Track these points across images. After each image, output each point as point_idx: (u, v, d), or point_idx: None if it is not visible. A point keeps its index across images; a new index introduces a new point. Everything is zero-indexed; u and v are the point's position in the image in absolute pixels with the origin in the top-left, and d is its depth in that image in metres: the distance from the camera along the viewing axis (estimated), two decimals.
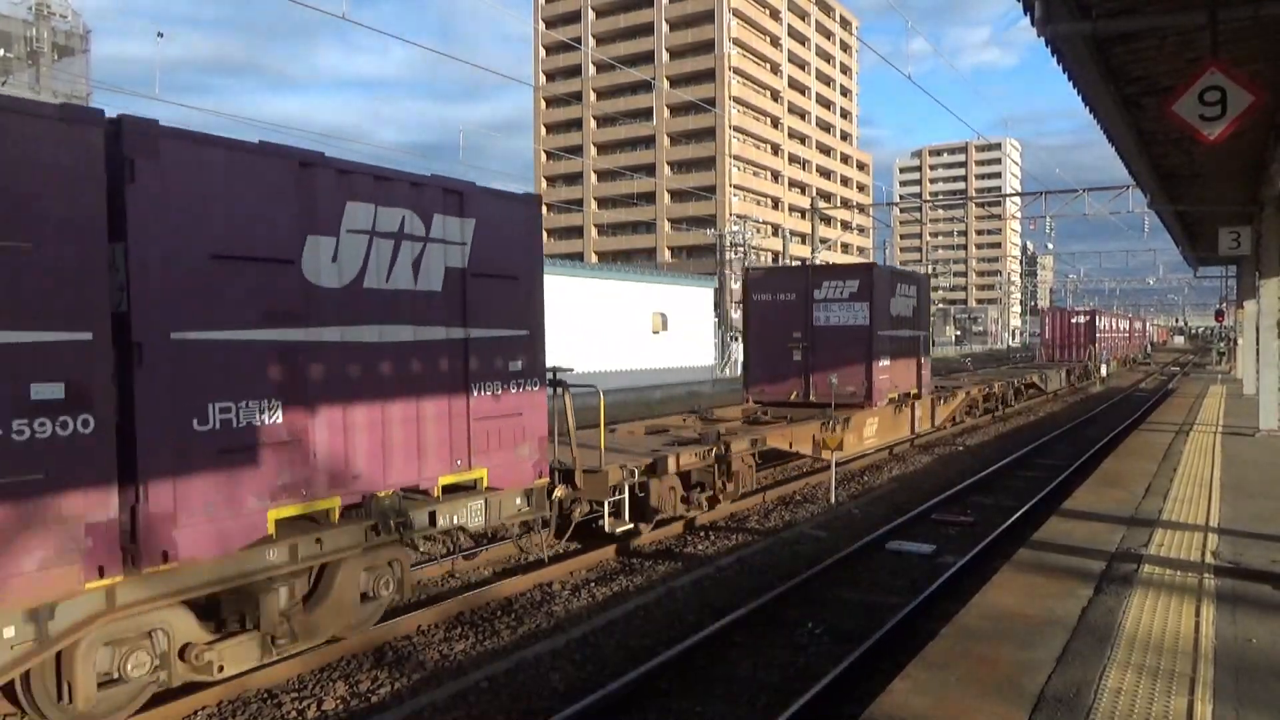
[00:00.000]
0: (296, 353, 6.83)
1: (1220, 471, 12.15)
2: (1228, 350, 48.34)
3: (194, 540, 6.13)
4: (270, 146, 6.86)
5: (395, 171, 7.76)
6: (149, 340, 5.89)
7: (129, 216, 5.78)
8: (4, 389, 5.19)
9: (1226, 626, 5.90)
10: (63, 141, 5.44)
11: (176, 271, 6.05)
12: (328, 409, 7.04)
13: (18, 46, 41.44)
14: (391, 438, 7.59)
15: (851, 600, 9.19)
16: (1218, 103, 7.07)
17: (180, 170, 6.08)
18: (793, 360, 18.00)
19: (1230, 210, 19.96)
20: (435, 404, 8.03)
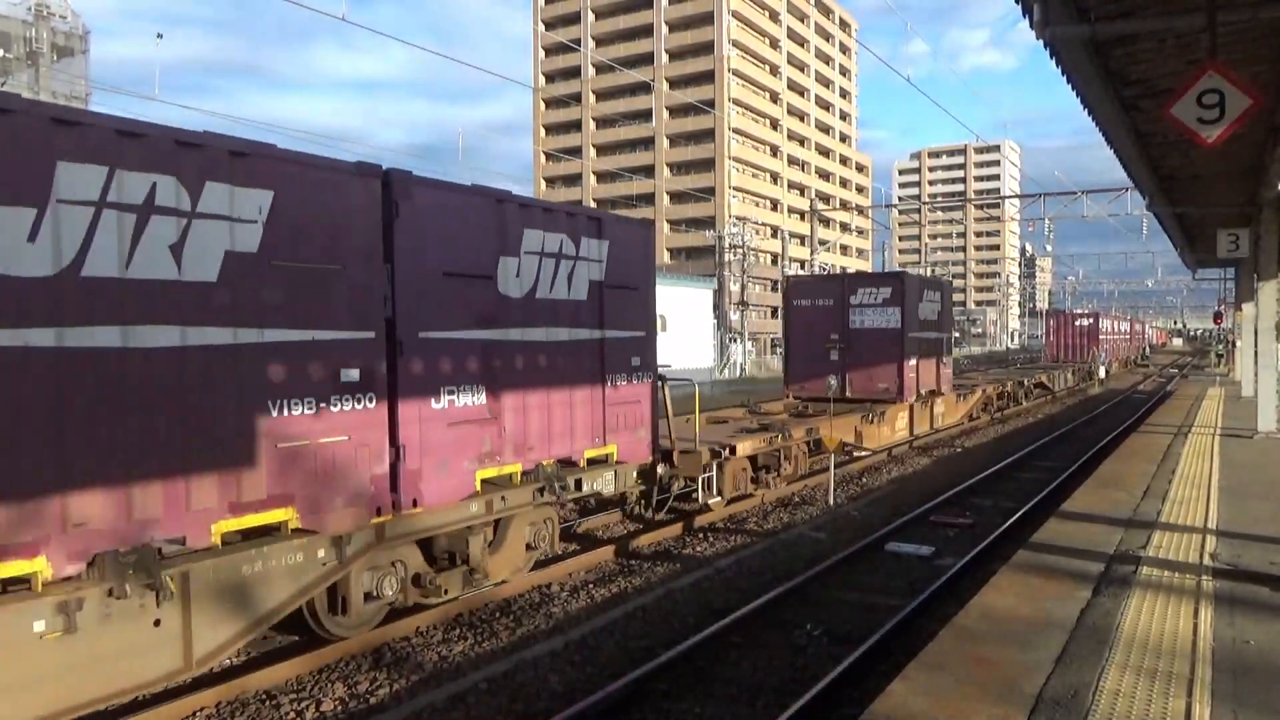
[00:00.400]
0: (493, 349, 8.82)
1: (1218, 473, 12.16)
2: (1226, 352, 48.41)
3: (433, 491, 8.10)
4: (477, 188, 8.90)
5: (556, 204, 10.17)
6: (407, 338, 7.84)
7: (395, 244, 7.72)
8: (327, 373, 7.12)
9: (1225, 628, 5.90)
10: (359, 190, 7.42)
11: (423, 286, 8.01)
12: (512, 393, 9.03)
13: (17, 47, 41.42)
14: (554, 417, 9.65)
15: (850, 601, 9.20)
16: (1216, 105, 7.08)
17: (425, 209, 8.03)
18: (829, 359, 19.71)
19: (1229, 212, 19.98)
20: (583, 391, 10.09)
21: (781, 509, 14.02)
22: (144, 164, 5.96)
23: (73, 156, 5.69)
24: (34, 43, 40.95)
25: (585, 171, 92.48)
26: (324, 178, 7.13)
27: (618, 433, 10.66)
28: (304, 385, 6.95)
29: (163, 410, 6.06)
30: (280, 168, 6.79)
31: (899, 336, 19.38)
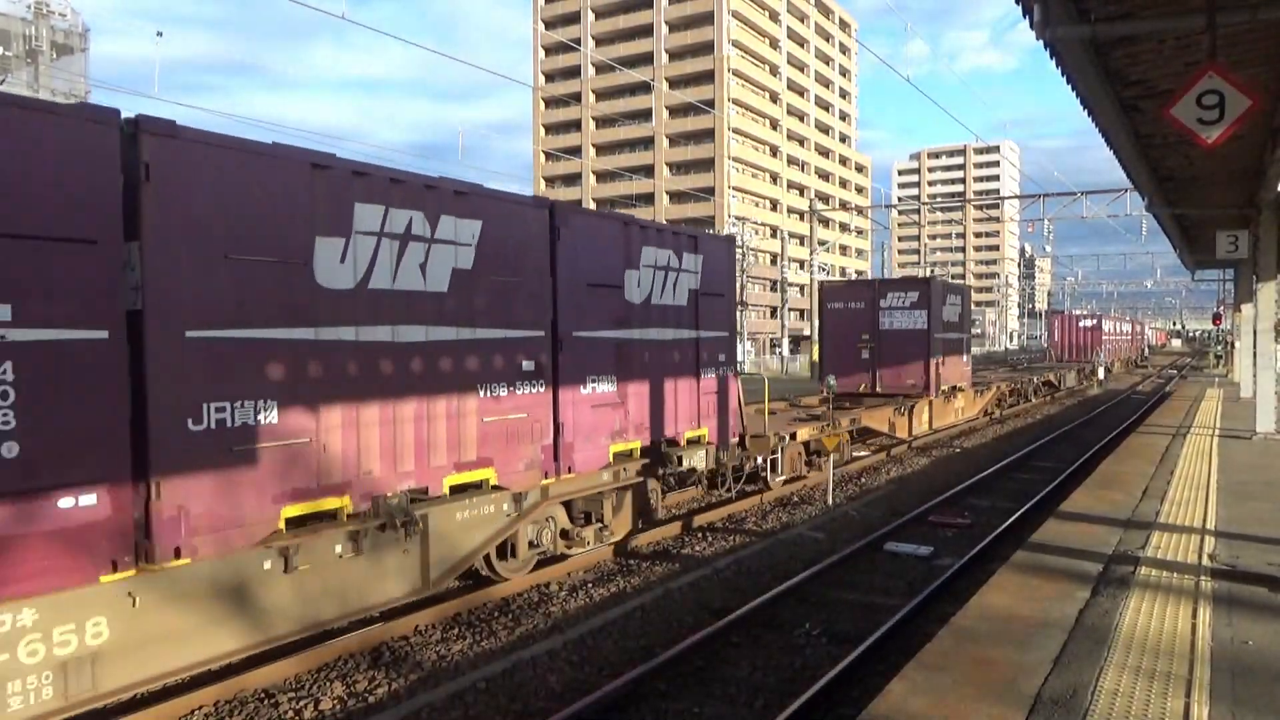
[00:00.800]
0: (621, 345, 10.86)
1: (1217, 474, 12.16)
2: (1225, 353, 48.48)
3: (581, 461, 10.12)
4: (610, 213, 11.48)
5: (664, 225, 12.27)
6: (565, 336, 9.83)
7: (557, 261, 9.71)
8: (514, 363, 9.15)
9: (1223, 628, 5.90)
10: (534, 219, 9.48)
11: (574, 294, 9.97)
12: (634, 382, 11.06)
13: (16, 45, 41.40)
14: (664, 403, 11.69)
15: (849, 601, 9.20)
16: (1216, 106, 7.08)
17: (578, 232, 9.97)
18: (861, 358, 21.71)
19: (1228, 213, 19.99)
20: (684, 381, 12.15)
21: (780, 509, 14.02)
22: (404, 203, 7.88)
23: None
24: (33, 41, 40.92)
25: (585, 171, 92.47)
26: (513, 210, 9.19)
27: (708, 417, 12.72)
28: (501, 372, 9.03)
29: (415, 390, 8.03)
30: (487, 203, 8.81)
31: (925, 337, 21.31)
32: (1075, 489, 11.52)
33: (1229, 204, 19.27)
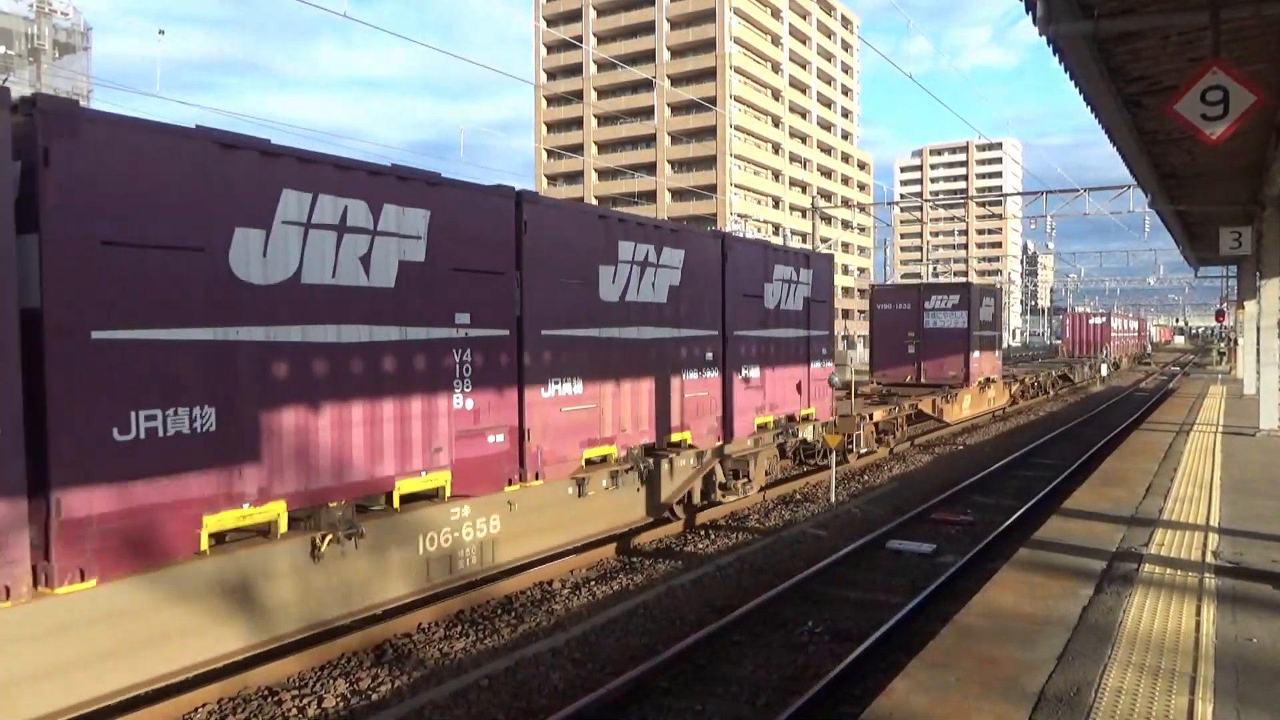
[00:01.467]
0: (763, 342, 14.21)
1: (1221, 471, 12.14)
2: (1228, 350, 48.45)
3: (738, 431, 13.37)
4: (761, 241, 16.11)
5: (789, 246, 16.16)
6: (729, 335, 13.06)
7: (726, 277, 12.86)
8: (704, 354, 12.62)
9: (1227, 626, 5.89)
10: (711, 249, 12.81)
11: (737, 303, 13.24)
12: (770, 369, 14.31)
13: (18, 44, 41.41)
14: (787, 386, 14.99)
15: (851, 599, 9.20)
16: (1220, 102, 7.05)
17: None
18: (907, 353, 24.97)
19: (1231, 210, 19.93)
20: (800, 369, 15.40)
21: (783, 506, 14.02)
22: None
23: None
24: (36, 39, 40.91)
25: (587, 169, 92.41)
26: (704, 244, 12.73)
27: (816, 400, 15.91)
28: (697, 360, 12.32)
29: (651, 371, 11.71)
30: (687, 237, 12.21)
31: (965, 335, 24.58)
32: (1078, 486, 11.50)
33: (1232, 200, 19.23)
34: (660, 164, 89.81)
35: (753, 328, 13.78)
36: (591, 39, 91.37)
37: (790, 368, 15.02)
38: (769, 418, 14.36)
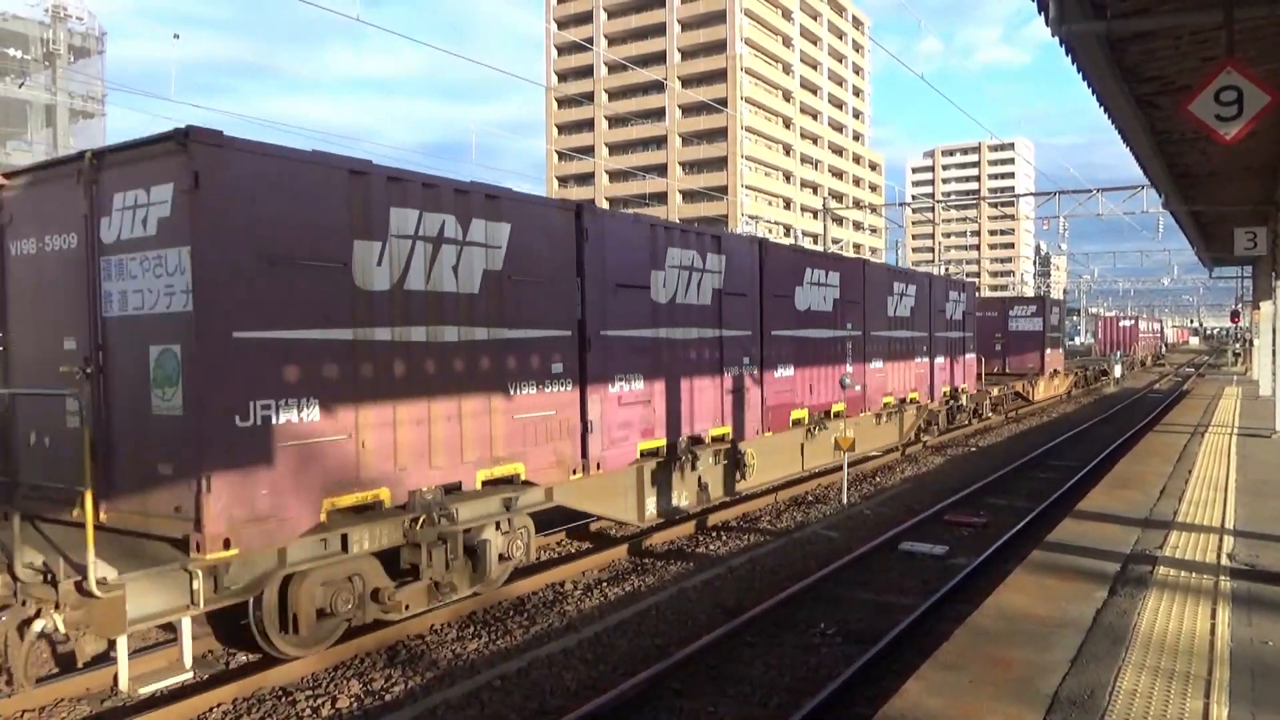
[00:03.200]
0: (893, 343, 18.15)
1: (1236, 473, 12.07)
2: (1243, 351, 48.17)
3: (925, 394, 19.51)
4: (892, 267, 19.37)
5: (911, 269, 22.74)
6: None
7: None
8: (915, 349, 18.86)
9: (1242, 629, 5.86)
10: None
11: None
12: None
13: (34, 48, 41.72)
14: (953, 369, 20.91)
15: (864, 601, 9.18)
16: (1234, 102, 7.01)
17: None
18: (995, 350, 31.40)
19: (1246, 210, 19.81)
20: (969, 357, 21.92)
21: (795, 508, 14.01)
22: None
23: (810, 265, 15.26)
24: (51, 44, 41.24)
25: (598, 170, 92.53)
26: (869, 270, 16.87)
27: (967, 378, 22.81)
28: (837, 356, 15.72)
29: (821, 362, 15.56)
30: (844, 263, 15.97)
31: (1041, 336, 32.05)
32: (1092, 488, 11.45)
33: (1247, 200, 19.11)
34: (671, 165, 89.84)
35: (883, 329, 17.92)
36: (602, 41, 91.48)
37: (958, 356, 22.21)
38: (946, 388, 21.50)
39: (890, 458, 19.01)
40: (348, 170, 7.30)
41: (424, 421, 7.89)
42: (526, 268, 9.03)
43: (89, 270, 7.05)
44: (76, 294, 7.11)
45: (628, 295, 10.60)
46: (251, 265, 6.61)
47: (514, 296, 8.91)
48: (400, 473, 7.68)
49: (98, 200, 6.98)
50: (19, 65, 41.54)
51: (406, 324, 7.75)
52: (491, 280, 8.62)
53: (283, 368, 6.78)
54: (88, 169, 7.00)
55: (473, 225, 8.43)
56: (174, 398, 6.51)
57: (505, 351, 8.81)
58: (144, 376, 6.67)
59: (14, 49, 41.23)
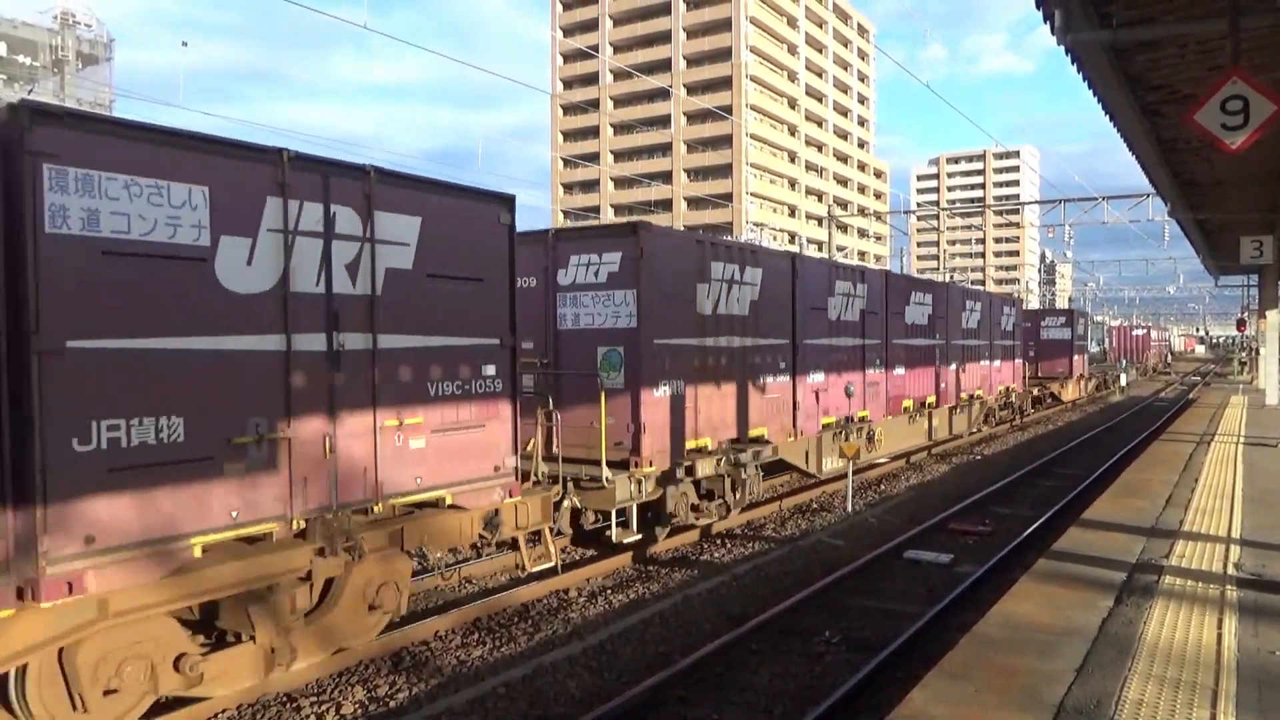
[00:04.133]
0: (910, 349, 18.98)
1: (1242, 482, 12.03)
2: (1249, 360, 48.07)
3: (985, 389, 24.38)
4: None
5: (923, 278, 23.70)
6: (799, 344, 13.81)
7: (796, 294, 13.84)
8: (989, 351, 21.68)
9: (1249, 638, 5.84)
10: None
11: (803, 315, 14.50)
12: (912, 368, 18.75)
13: (43, 55, 41.97)
14: (1010, 371, 26.62)
15: (869, 609, 9.16)
16: (1240, 111, 7.02)
17: (807, 273, 14.21)
18: (1029, 355, 33.42)
19: (1252, 219, 19.79)
20: (1017, 361, 27.26)
21: (799, 515, 13.99)
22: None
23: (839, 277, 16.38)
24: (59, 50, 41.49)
25: (603, 177, 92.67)
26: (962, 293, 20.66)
27: (1016, 379, 26.88)
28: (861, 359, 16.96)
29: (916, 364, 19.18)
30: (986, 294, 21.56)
31: (1069, 344, 35.76)
32: (1098, 496, 11.42)
33: (1253, 209, 19.08)
34: (676, 172, 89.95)
35: (969, 338, 22.24)
36: (608, 48, 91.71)
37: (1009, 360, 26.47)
38: (1007, 385, 26.25)
39: (895, 465, 18.99)
40: (694, 240, 12.35)
41: (730, 396, 12.62)
42: (771, 300, 13.47)
43: (546, 300, 11.41)
44: (538, 314, 11.27)
45: (816, 315, 15.06)
46: (659, 300, 11.04)
47: (766, 318, 13.37)
48: (716, 429, 12.36)
49: (555, 258, 11.40)
50: (28, 72, 41.78)
51: (717, 335, 12.29)
52: (754, 307, 13.07)
53: (667, 361, 11.33)
54: (550, 239, 11.46)
55: (746, 271, 12.86)
56: (617, 379, 11.00)
57: (760, 354, 13.25)
58: (592, 365, 11.02)
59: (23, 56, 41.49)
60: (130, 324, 5.88)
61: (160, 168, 6.03)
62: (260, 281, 6.64)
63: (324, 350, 7.07)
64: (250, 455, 6.53)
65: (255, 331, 6.60)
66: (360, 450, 7.35)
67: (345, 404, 7.22)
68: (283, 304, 6.76)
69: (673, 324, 11.39)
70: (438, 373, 8.06)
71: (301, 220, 6.92)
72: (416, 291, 7.82)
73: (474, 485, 8.38)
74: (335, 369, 7.13)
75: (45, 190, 5.46)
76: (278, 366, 6.74)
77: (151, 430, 5.97)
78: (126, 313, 5.85)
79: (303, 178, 6.93)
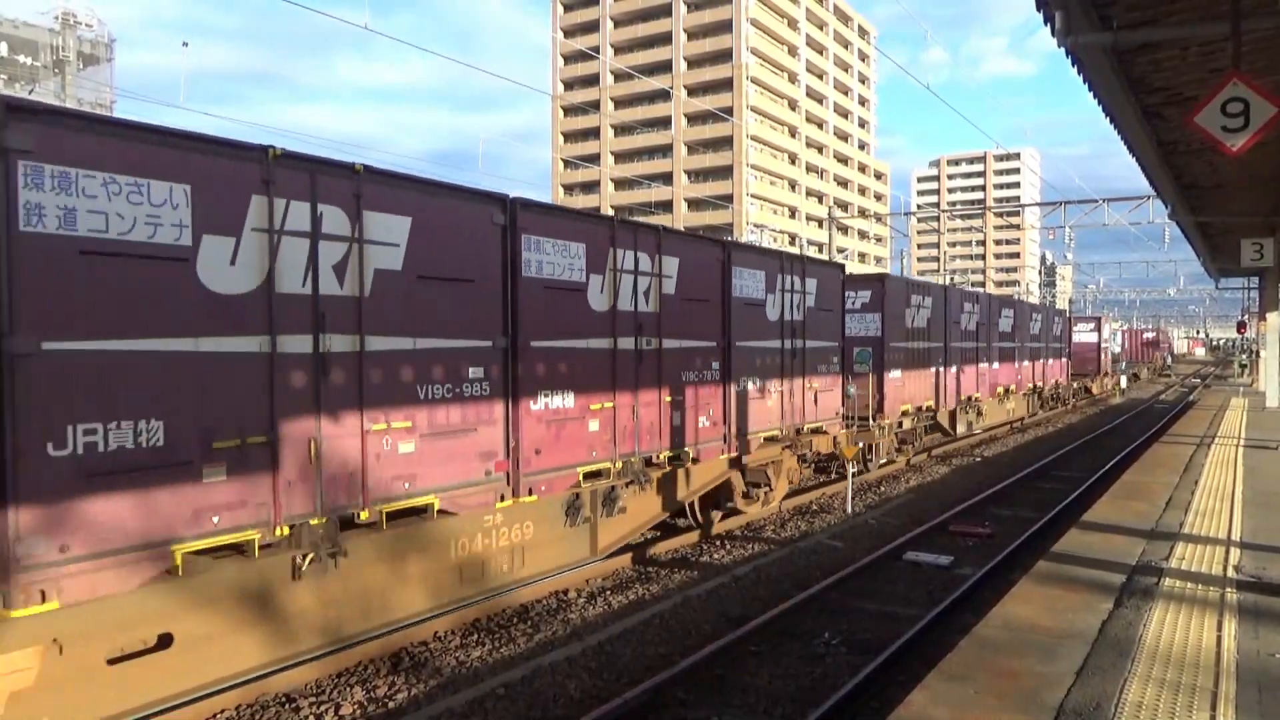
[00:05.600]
0: (1002, 350, 26.25)
1: (1243, 485, 12.03)
2: (1249, 362, 48.13)
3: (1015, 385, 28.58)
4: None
5: (1007, 297, 30.57)
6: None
7: (846, 304, 16.07)
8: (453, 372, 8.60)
9: (1249, 641, 5.84)
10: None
11: (891, 321, 18.05)
12: (1002, 363, 25.99)
13: (44, 55, 41.99)
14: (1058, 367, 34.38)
15: (868, 611, 9.16)
16: (1240, 114, 7.02)
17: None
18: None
19: (1253, 221, 19.80)
20: (1061, 360, 35.05)
21: (799, 517, 13.98)
22: None
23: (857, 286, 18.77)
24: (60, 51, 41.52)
25: (603, 179, 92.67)
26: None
27: (1062, 374, 34.35)
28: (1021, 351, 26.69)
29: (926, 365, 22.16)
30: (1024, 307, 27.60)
31: (1098, 345, 42.56)
32: (1098, 499, 11.41)
33: (1254, 211, 19.10)
34: (677, 174, 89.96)
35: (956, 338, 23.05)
36: (608, 50, 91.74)
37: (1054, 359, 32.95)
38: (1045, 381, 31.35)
39: (895, 467, 18.98)
40: (905, 282, 18.04)
41: (921, 379, 18.50)
42: (938, 317, 18.17)
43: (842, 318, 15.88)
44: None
45: (955, 327, 21.16)
46: (893, 323, 17.70)
47: (934, 329, 18.57)
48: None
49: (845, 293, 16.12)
50: (29, 72, 41.80)
51: (914, 341, 17.94)
52: (930, 322, 18.51)
53: (898, 355, 18.10)
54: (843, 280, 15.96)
55: (926, 299, 18.11)
56: (865, 367, 17.30)
57: (930, 354, 17.95)
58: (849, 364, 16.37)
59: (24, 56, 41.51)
60: (108, 325, 5.74)
61: (140, 165, 5.90)
62: (244, 282, 6.47)
63: (310, 353, 6.89)
64: (233, 460, 6.34)
65: (238, 333, 6.43)
66: (347, 454, 7.17)
67: (332, 407, 7.03)
68: (267, 305, 6.59)
69: (898, 334, 18.18)
70: (428, 375, 7.86)
71: (288, 220, 6.77)
72: (406, 293, 7.64)
73: (465, 490, 8.22)
74: (322, 372, 6.94)
75: (20, 188, 5.32)
76: (262, 369, 6.57)
77: (130, 434, 5.81)
78: (104, 314, 5.71)
79: (289, 176, 6.76)
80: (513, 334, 8.72)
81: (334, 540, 7.12)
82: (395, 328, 7.57)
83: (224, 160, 6.40)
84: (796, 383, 14.01)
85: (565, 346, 9.43)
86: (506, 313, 8.65)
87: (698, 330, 11.59)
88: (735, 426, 12.33)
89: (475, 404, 8.35)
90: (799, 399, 14.04)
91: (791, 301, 13.86)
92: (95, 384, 5.68)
